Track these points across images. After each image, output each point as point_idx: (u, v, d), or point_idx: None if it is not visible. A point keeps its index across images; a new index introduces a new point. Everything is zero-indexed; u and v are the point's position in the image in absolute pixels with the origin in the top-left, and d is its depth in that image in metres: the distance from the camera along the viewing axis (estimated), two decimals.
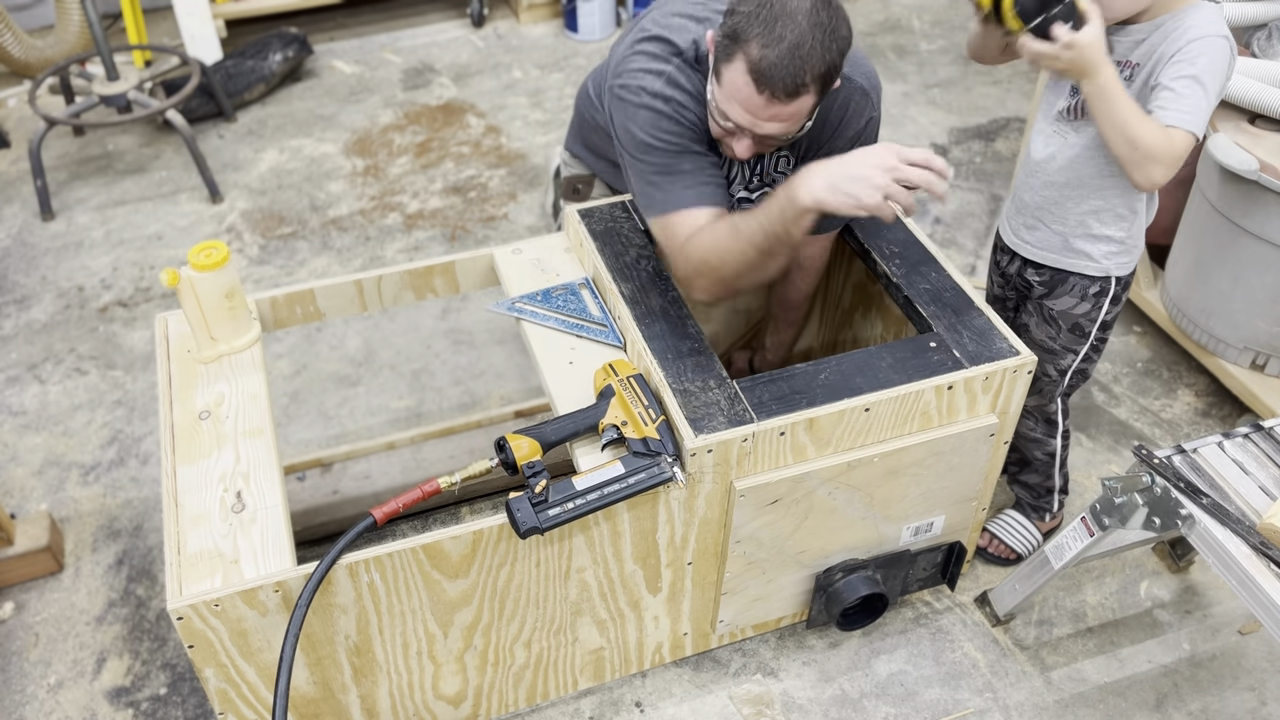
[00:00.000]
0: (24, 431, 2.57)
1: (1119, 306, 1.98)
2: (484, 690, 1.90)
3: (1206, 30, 1.66)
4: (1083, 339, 1.99)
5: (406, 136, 3.56)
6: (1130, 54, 1.73)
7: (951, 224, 3.18)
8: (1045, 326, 2.01)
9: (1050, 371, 2.05)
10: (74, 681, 2.07)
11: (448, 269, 2.06)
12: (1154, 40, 1.70)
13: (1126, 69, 1.74)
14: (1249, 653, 2.10)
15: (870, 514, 1.91)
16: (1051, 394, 2.09)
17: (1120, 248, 1.89)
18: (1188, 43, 1.66)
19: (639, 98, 1.80)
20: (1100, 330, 1.99)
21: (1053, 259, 1.94)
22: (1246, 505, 1.68)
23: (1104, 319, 1.97)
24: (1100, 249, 1.89)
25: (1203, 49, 1.66)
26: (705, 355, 1.79)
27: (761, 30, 1.61)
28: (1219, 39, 1.66)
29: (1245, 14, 2.41)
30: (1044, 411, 2.12)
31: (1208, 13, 1.68)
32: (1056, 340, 2.01)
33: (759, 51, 1.61)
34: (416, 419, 2.60)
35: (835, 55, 1.65)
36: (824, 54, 1.63)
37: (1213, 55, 1.66)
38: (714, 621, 2.00)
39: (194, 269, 1.79)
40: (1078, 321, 1.97)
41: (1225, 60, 1.67)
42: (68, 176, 3.39)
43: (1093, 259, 1.91)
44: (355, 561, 1.57)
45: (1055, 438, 2.15)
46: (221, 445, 1.75)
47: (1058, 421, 2.13)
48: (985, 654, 2.10)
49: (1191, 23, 1.68)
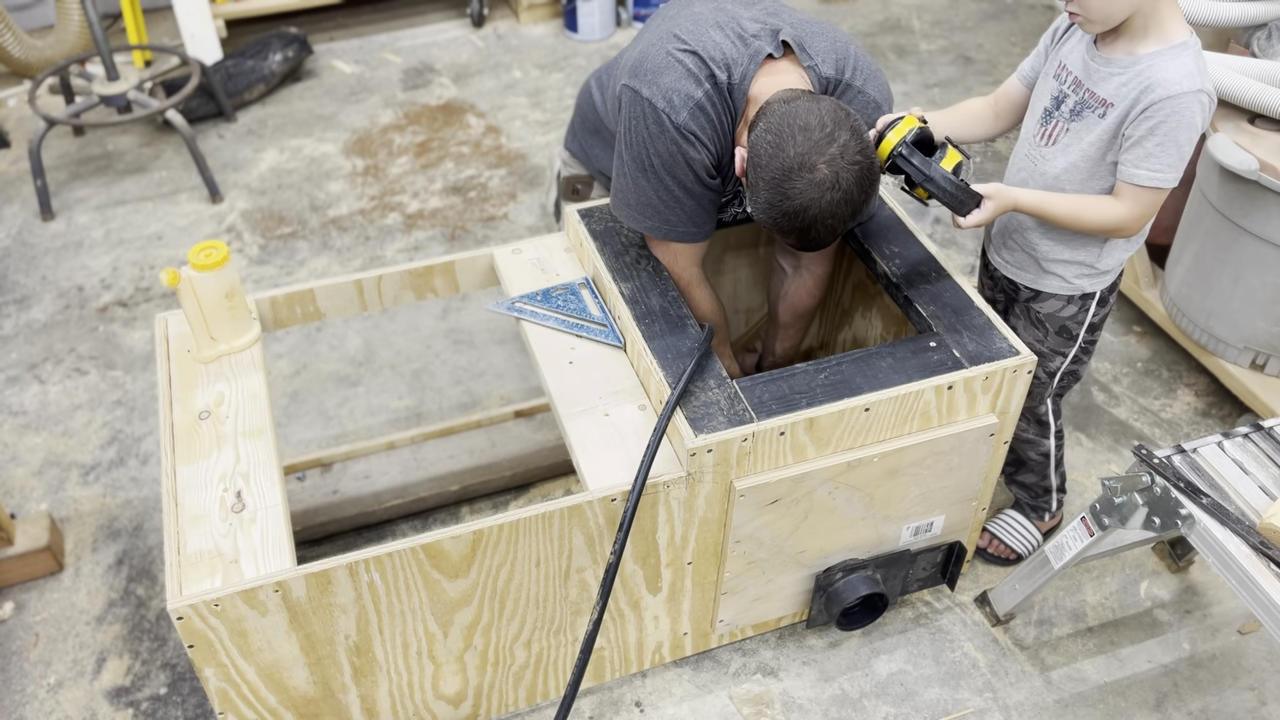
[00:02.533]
0: (24, 431, 2.57)
1: (1106, 309, 1.97)
2: (484, 690, 1.90)
3: (1178, 87, 1.63)
4: (1070, 341, 1.99)
5: (406, 136, 3.56)
6: (1104, 90, 1.72)
7: (951, 224, 3.17)
8: (1033, 329, 2.00)
9: (1040, 374, 2.04)
10: (74, 681, 2.07)
11: (448, 269, 2.06)
12: (1128, 80, 1.68)
13: (1101, 107, 1.72)
14: (1249, 653, 2.10)
15: (870, 514, 1.91)
16: (1041, 395, 2.08)
17: (1091, 270, 1.89)
18: (1161, 100, 1.64)
19: (662, 123, 1.78)
20: (1088, 332, 1.99)
21: (1029, 279, 1.95)
22: (1246, 505, 1.68)
23: (1091, 321, 1.97)
24: (1071, 271, 1.90)
25: (1172, 109, 1.64)
26: (705, 355, 1.79)
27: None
28: (1188, 95, 1.63)
29: (1245, 14, 2.41)
30: (1034, 413, 2.12)
31: (1183, 64, 1.65)
32: (1044, 343, 2.00)
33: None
34: (416, 419, 2.60)
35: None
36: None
37: (1186, 113, 1.64)
38: (714, 621, 2.00)
39: (194, 269, 1.79)
40: (1065, 324, 1.97)
41: (1195, 115, 1.65)
42: (68, 176, 3.39)
43: (1065, 279, 1.91)
44: (355, 561, 1.57)
45: (1048, 438, 2.15)
46: (221, 445, 1.75)
47: (1049, 422, 2.13)
48: (985, 654, 2.10)
49: (1163, 77, 1.64)
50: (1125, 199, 1.73)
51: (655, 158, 1.81)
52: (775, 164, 1.64)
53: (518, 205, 3.26)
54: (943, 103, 3.71)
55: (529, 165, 3.42)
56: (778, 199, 1.66)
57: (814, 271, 2.13)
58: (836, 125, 1.64)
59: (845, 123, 1.65)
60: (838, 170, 1.63)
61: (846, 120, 1.65)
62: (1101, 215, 1.76)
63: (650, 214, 1.89)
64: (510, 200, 3.28)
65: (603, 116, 2.07)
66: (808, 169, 1.63)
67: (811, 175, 1.63)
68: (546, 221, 3.14)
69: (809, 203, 1.64)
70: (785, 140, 1.63)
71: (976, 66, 3.91)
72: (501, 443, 2.39)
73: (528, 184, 3.34)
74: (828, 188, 1.63)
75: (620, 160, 1.88)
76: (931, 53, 4.01)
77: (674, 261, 1.97)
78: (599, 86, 2.10)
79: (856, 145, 1.65)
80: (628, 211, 1.92)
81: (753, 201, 1.72)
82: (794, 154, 1.63)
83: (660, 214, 1.88)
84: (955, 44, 4.05)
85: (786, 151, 1.63)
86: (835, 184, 1.64)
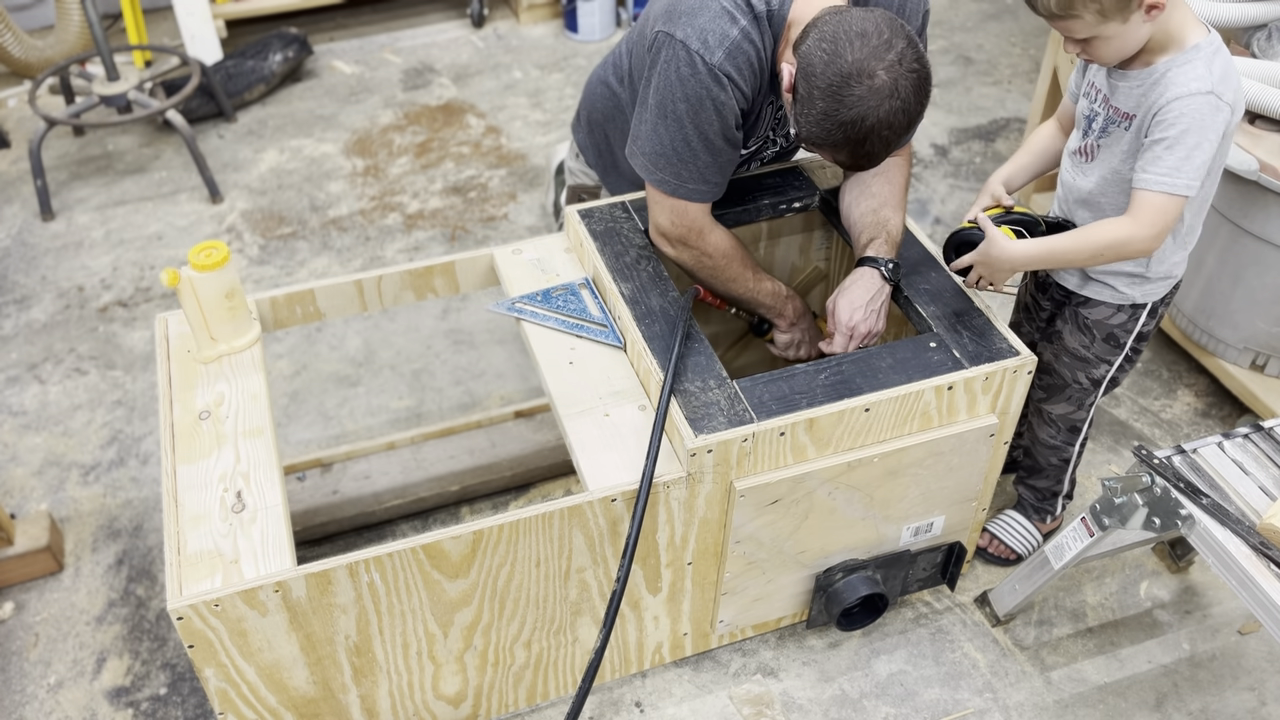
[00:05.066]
0: (24, 431, 2.57)
1: (1157, 319, 1.94)
2: (484, 690, 1.90)
3: (1189, 89, 1.61)
4: (1117, 350, 1.96)
5: (406, 137, 3.56)
6: (1126, 104, 1.71)
7: (951, 224, 3.18)
8: (1079, 334, 1.97)
9: (1082, 380, 2.02)
10: (74, 681, 2.07)
11: (448, 269, 2.06)
12: (1146, 91, 1.67)
13: (1124, 120, 1.72)
14: (1249, 653, 2.10)
15: (870, 514, 1.91)
16: (1082, 401, 2.05)
17: (1140, 279, 1.87)
18: (1168, 102, 1.63)
19: (694, 65, 1.72)
20: (1136, 341, 1.96)
21: (1075, 284, 1.93)
22: (1246, 505, 1.68)
23: (1140, 330, 1.94)
24: (1120, 281, 1.88)
25: (1182, 109, 1.62)
26: (705, 355, 1.79)
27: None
28: (1200, 96, 1.61)
29: (1245, 14, 2.41)
30: (1070, 420, 2.09)
31: (1195, 69, 1.63)
32: (1090, 349, 1.97)
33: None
34: (416, 419, 2.60)
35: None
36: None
37: (1194, 114, 1.61)
38: (714, 621, 2.00)
39: (194, 269, 1.79)
40: (1113, 331, 1.94)
41: (1205, 116, 1.62)
42: (68, 176, 3.39)
43: (1114, 289, 1.89)
44: (355, 561, 1.57)
45: (1074, 445, 2.13)
46: (221, 445, 1.75)
47: (1082, 429, 2.11)
48: (985, 654, 2.10)
49: (1175, 79, 1.63)
50: (1133, 209, 1.69)
51: (680, 102, 1.76)
52: (832, 71, 1.59)
53: (518, 205, 3.26)
54: (943, 103, 3.71)
55: (529, 165, 3.42)
56: (834, 108, 1.60)
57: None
58: (893, 33, 1.60)
59: (901, 31, 1.61)
60: (896, 77, 1.59)
61: (901, 29, 1.61)
62: (1109, 234, 1.71)
63: (661, 164, 1.84)
64: (510, 200, 3.28)
65: (623, 103, 2.03)
66: (867, 75, 1.58)
67: (871, 82, 1.58)
68: (546, 222, 3.14)
69: (868, 111, 1.59)
70: (842, 47, 1.59)
71: (976, 66, 3.91)
72: (501, 443, 2.39)
73: (528, 184, 3.34)
74: (886, 95, 1.59)
75: (643, 105, 1.84)
76: (931, 53, 4.00)
77: (681, 217, 1.89)
78: (615, 66, 2.05)
79: (913, 54, 1.61)
80: (640, 160, 1.87)
81: (804, 115, 1.65)
82: (852, 60, 1.58)
83: (671, 165, 1.83)
84: (955, 44, 4.05)
85: (844, 58, 1.58)
86: (894, 91, 1.59)
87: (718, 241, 1.93)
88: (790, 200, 2.11)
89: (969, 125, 3.61)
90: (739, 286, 1.98)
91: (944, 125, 3.61)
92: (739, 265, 1.96)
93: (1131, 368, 2.05)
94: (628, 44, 2.03)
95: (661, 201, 1.90)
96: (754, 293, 1.99)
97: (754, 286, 1.99)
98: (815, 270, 2.32)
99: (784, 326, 2.07)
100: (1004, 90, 3.79)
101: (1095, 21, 1.59)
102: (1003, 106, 3.70)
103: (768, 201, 2.10)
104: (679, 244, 1.93)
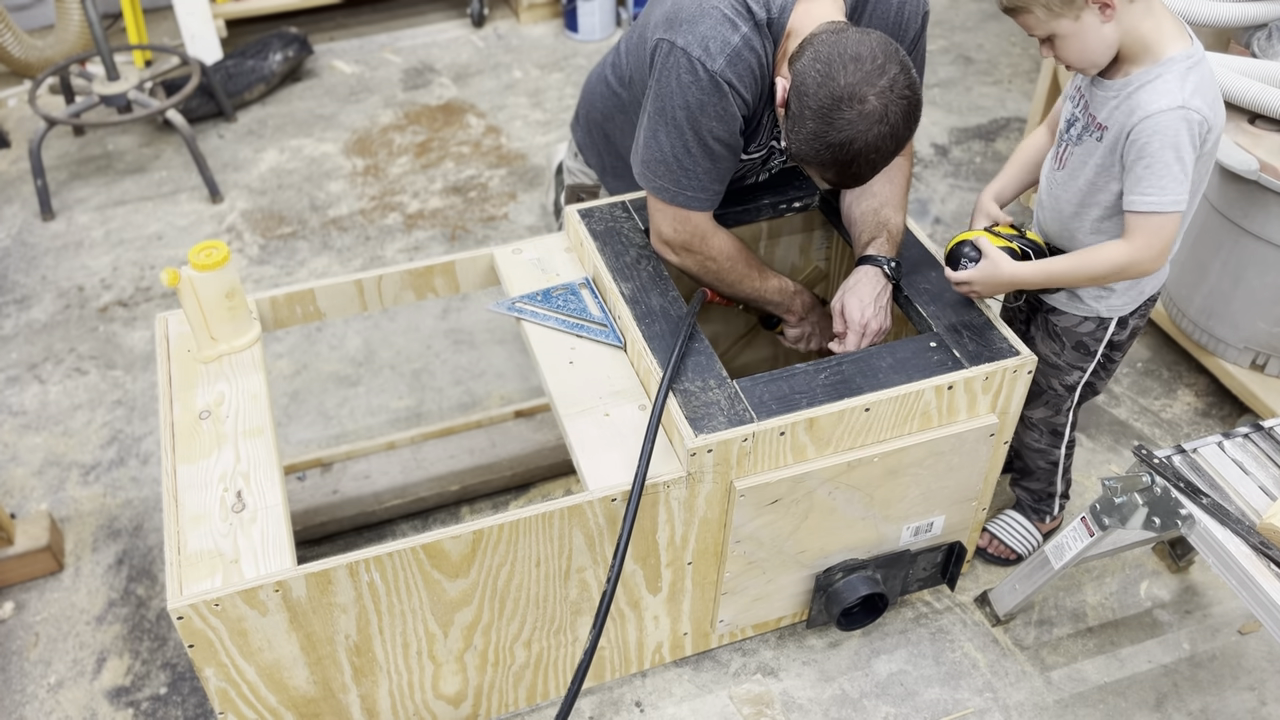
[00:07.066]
0: (24, 431, 2.57)
1: (1128, 330, 1.94)
2: (484, 690, 1.90)
3: (1158, 105, 1.61)
4: (1088, 357, 1.96)
5: (406, 136, 3.56)
6: (1101, 114, 1.71)
7: (951, 224, 3.18)
8: (1050, 341, 1.98)
9: (1056, 386, 2.03)
10: (74, 681, 2.07)
11: (448, 269, 2.06)
12: (1120, 104, 1.67)
13: (1099, 130, 1.72)
14: (1249, 653, 2.10)
15: (870, 514, 1.91)
16: (1059, 406, 2.06)
17: (1104, 293, 1.87)
18: (1139, 122, 1.63)
19: (695, 72, 1.73)
20: (1109, 349, 1.96)
21: (1046, 293, 1.94)
22: (1246, 505, 1.68)
23: (1112, 339, 1.94)
24: (1087, 293, 1.88)
25: (1155, 127, 1.61)
26: (705, 355, 1.79)
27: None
28: (1170, 113, 1.60)
29: (1245, 14, 2.41)
30: (1050, 424, 2.10)
31: (1165, 84, 1.62)
32: (1061, 356, 1.98)
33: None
34: (416, 419, 2.60)
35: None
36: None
37: (1166, 131, 1.61)
38: (714, 621, 2.00)
39: (194, 269, 1.79)
40: (1081, 340, 1.94)
41: (1179, 132, 1.61)
42: (68, 176, 3.39)
43: (1080, 300, 1.90)
44: (355, 561, 1.57)
45: (1059, 448, 2.14)
46: (221, 445, 1.75)
47: (1064, 433, 2.12)
48: (985, 654, 2.10)
49: (1144, 98, 1.63)
50: (1129, 233, 1.70)
51: (680, 109, 1.76)
52: (823, 93, 1.61)
53: (518, 205, 3.26)
54: (943, 103, 3.71)
55: (529, 165, 3.42)
56: (823, 129, 1.62)
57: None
58: (887, 58, 1.61)
59: (895, 56, 1.62)
60: (887, 103, 1.60)
61: (896, 54, 1.62)
62: (1109, 258, 1.72)
63: (661, 171, 1.84)
64: (510, 200, 3.28)
65: (623, 102, 2.03)
66: (858, 100, 1.59)
67: (862, 107, 1.60)
68: (546, 221, 3.14)
69: (856, 135, 1.61)
70: (835, 70, 1.60)
71: (976, 66, 3.91)
72: (501, 443, 2.39)
73: (528, 184, 3.34)
74: (876, 120, 1.60)
75: (645, 114, 1.84)
76: (931, 53, 4.01)
77: (683, 224, 1.89)
78: (615, 66, 2.05)
79: (905, 80, 1.62)
80: (640, 168, 1.87)
81: (795, 133, 1.66)
82: (844, 84, 1.59)
83: (671, 173, 1.83)
84: (955, 44, 4.05)
85: (836, 81, 1.60)
86: (884, 117, 1.60)
87: (721, 245, 1.93)
88: (790, 200, 2.11)
89: (969, 125, 3.61)
90: (745, 287, 1.98)
91: (944, 125, 3.61)
92: (744, 266, 1.96)
93: (1109, 375, 2.05)
94: (625, 44, 2.03)
95: (663, 209, 1.90)
96: (761, 291, 1.99)
97: (760, 285, 1.99)
98: (815, 270, 2.32)
99: (794, 321, 2.07)
100: (1004, 90, 3.79)
101: (1046, 17, 1.60)
102: (1003, 106, 3.70)
103: (768, 201, 2.10)
104: (683, 250, 1.93)
